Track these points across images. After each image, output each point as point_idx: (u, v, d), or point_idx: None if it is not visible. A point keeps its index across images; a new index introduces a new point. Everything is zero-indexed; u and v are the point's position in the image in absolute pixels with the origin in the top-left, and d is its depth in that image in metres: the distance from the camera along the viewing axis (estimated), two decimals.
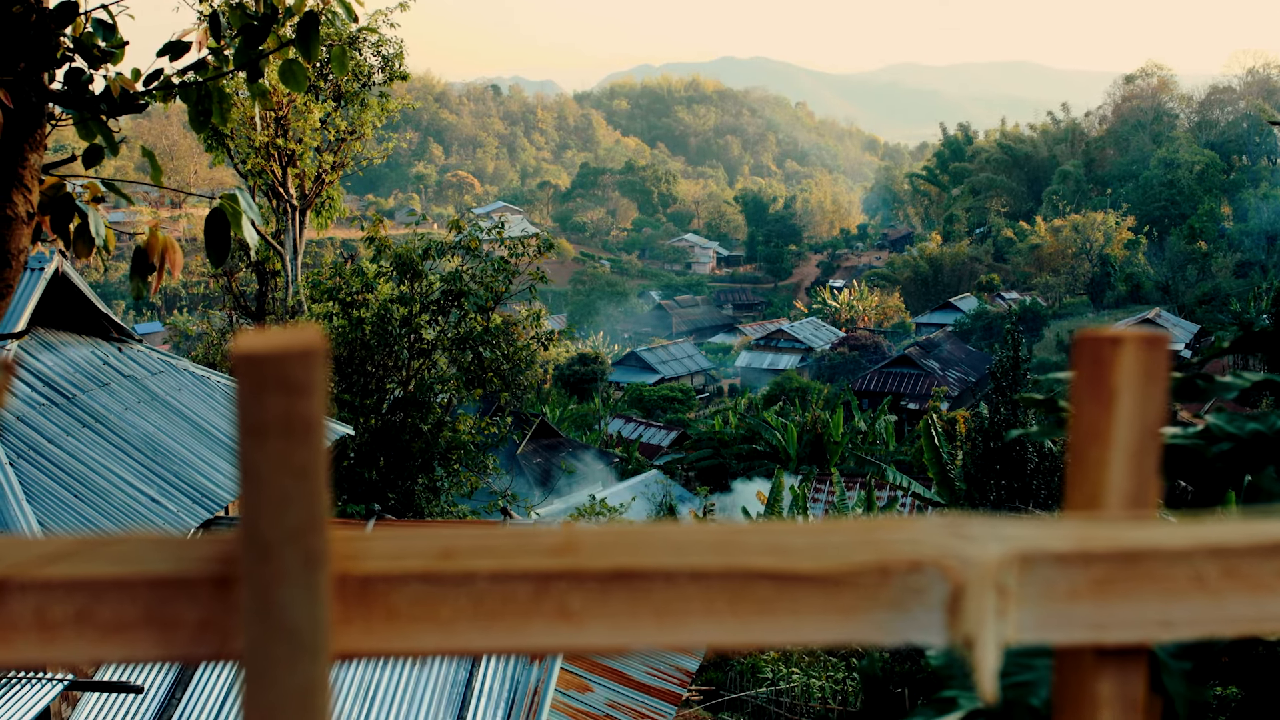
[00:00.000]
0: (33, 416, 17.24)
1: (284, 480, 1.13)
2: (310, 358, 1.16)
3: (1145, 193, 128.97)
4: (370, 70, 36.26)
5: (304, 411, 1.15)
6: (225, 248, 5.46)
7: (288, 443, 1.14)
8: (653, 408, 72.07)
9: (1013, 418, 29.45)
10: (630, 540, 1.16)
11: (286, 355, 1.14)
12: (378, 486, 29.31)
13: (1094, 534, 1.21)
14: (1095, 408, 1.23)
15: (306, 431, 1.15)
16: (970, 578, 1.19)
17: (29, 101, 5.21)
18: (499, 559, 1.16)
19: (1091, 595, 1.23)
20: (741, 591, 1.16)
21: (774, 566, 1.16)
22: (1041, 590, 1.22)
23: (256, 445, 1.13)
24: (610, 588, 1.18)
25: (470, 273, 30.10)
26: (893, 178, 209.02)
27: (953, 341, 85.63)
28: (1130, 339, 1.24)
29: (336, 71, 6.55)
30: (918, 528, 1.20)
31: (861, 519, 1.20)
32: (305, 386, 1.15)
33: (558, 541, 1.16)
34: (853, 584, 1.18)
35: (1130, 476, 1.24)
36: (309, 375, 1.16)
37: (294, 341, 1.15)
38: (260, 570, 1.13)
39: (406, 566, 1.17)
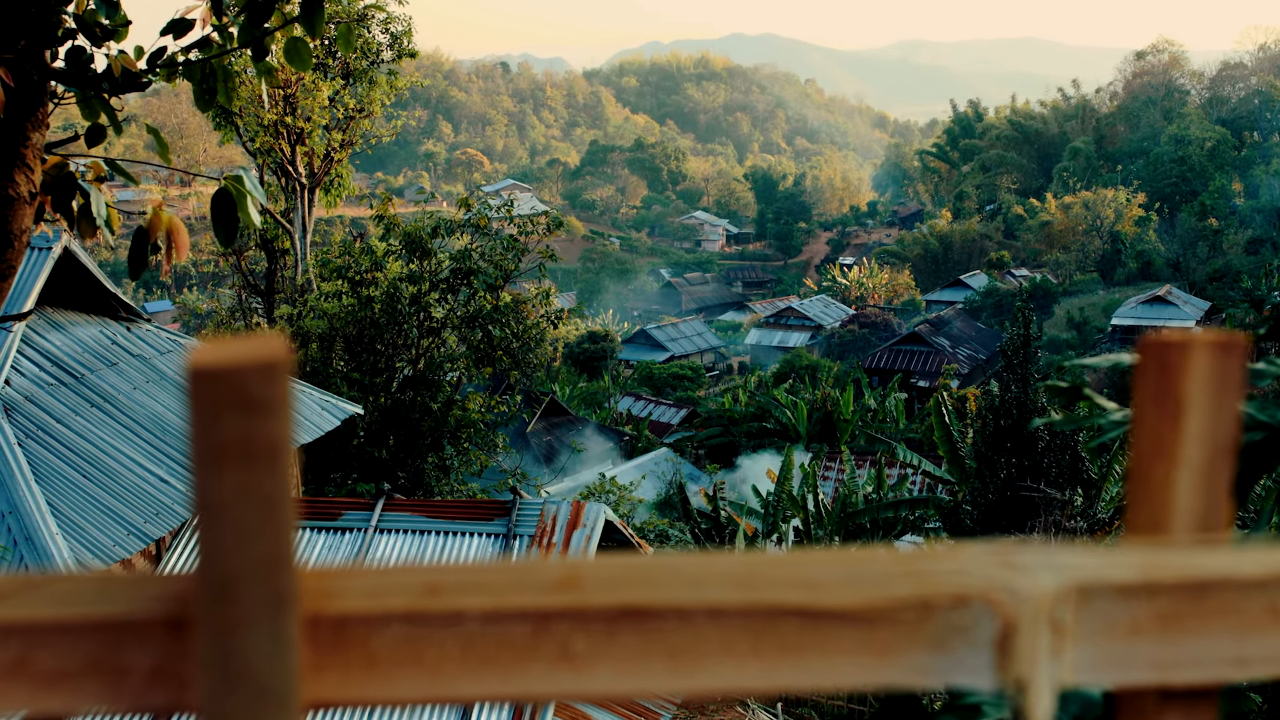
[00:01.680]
0: (41, 396, 17.18)
1: (245, 511, 1.00)
2: (273, 372, 1.01)
3: (1156, 169, 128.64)
4: (379, 48, 36.07)
5: (267, 434, 1.01)
6: (233, 227, 5.38)
7: (249, 469, 1.00)
8: (662, 386, 72.05)
9: (1024, 396, 29.33)
10: (641, 574, 1.03)
11: (246, 370, 1.00)
12: (387, 465, 29.25)
13: (1159, 562, 1.09)
14: (1161, 420, 1.11)
15: (270, 456, 1.01)
16: (1022, 613, 1.06)
17: (30, 80, 5.12)
18: (492, 596, 1.02)
19: (1156, 631, 1.09)
20: (765, 630, 1.03)
21: (802, 602, 1.04)
22: (1101, 626, 1.09)
23: (214, 472, 1.00)
24: (618, 627, 1.03)
25: (479, 251, 29.98)
26: (902, 155, 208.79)
27: (963, 319, 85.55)
28: (1201, 343, 1.11)
29: (343, 49, 6.46)
30: (962, 557, 1.07)
31: (900, 549, 1.08)
32: (268, 405, 1.01)
33: (559, 576, 1.02)
34: (890, 621, 1.05)
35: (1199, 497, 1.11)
36: (272, 392, 1.01)
37: (254, 354, 1.01)
38: (219, 612, 1.01)
39: (388, 605, 1.02)
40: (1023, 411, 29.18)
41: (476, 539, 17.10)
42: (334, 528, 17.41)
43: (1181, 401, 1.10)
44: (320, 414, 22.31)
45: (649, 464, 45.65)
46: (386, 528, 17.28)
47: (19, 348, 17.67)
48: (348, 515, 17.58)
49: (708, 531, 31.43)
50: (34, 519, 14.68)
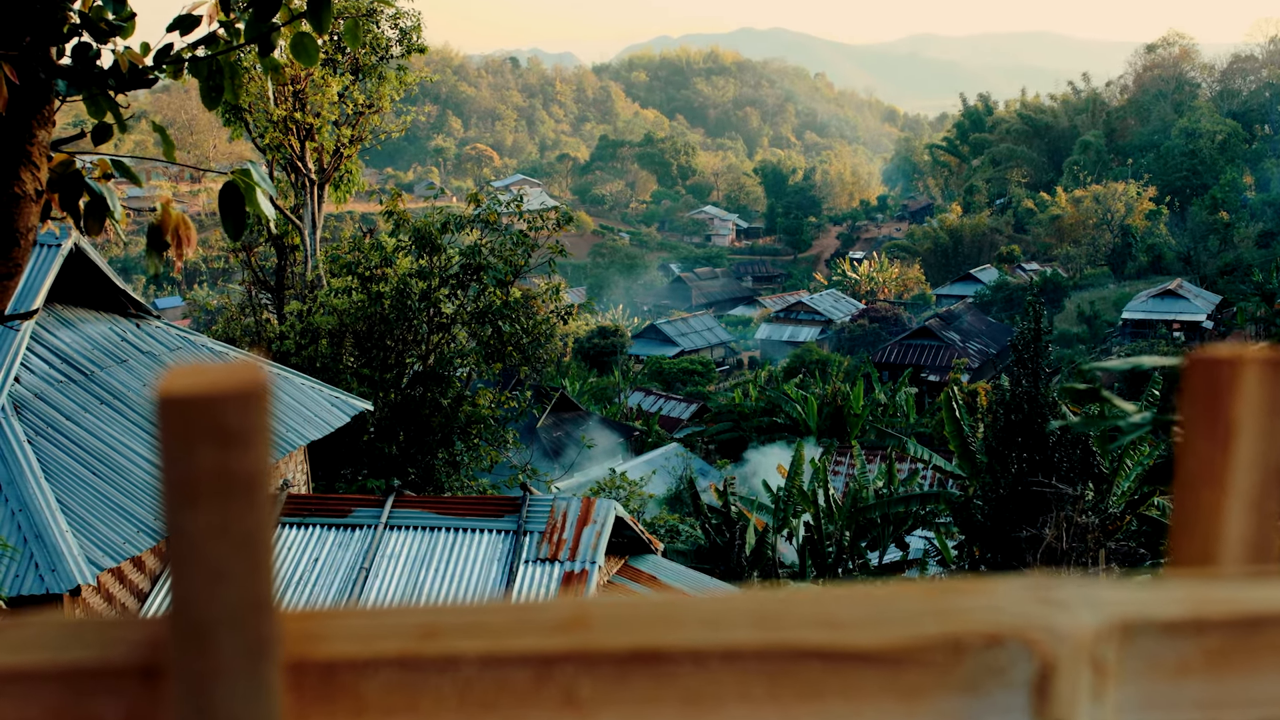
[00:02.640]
0: (51, 394, 17.16)
1: (221, 551, 0.93)
2: (251, 400, 0.93)
3: (1167, 163, 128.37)
4: (388, 43, 36.06)
5: (244, 467, 0.93)
6: (241, 221, 5.34)
7: (225, 506, 0.93)
8: (672, 380, 72.05)
9: (1035, 390, 29.24)
10: (653, 614, 0.95)
11: (221, 398, 0.92)
12: (398, 461, 29.25)
13: (1208, 596, 1.01)
14: (1209, 443, 1.03)
15: (248, 491, 0.93)
16: (1061, 653, 0.99)
17: (36, 77, 5.09)
18: (492, 639, 0.94)
19: (1205, 670, 1.02)
20: (784, 673, 0.95)
21: (824, 642, 0.96)
22: (1146, 665, 1.02)
23: (186, 510, 0.92)
24: (628, 671, 0.96)
25: (489, 246, 29.96)
26: (912, 149, 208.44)
27: (973, 313, 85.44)
28: (1254, 361, 1.03)
29: (349, 44, 6.40)
30: (996, 592, 1.00)
31: (929, 583, 1.00)
32: (245, 436, 0.93)
33: (564, 616, 0.95)
34: (919, 662, 0.97)
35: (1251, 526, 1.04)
36: (250, 422, 0.93)
37: (230, 380, 0.93)
38: (195, 660, 0.93)
39: (379, 649, 0.94)
40: (1034, 406, 29.08)
41: (487, 536, 17.08)
42: (344, 524, 17.38)
43: (1232, 424, 1.02)
44: (330, 410, 22.29)
45: (659, 459, 45.64)
46: (396, 524, 17.27)
47: (29, 345, 17.65)
48: (358, 512, 17.56)
49: (718, 527, 31.38)
50: (44, 516, 14.66)
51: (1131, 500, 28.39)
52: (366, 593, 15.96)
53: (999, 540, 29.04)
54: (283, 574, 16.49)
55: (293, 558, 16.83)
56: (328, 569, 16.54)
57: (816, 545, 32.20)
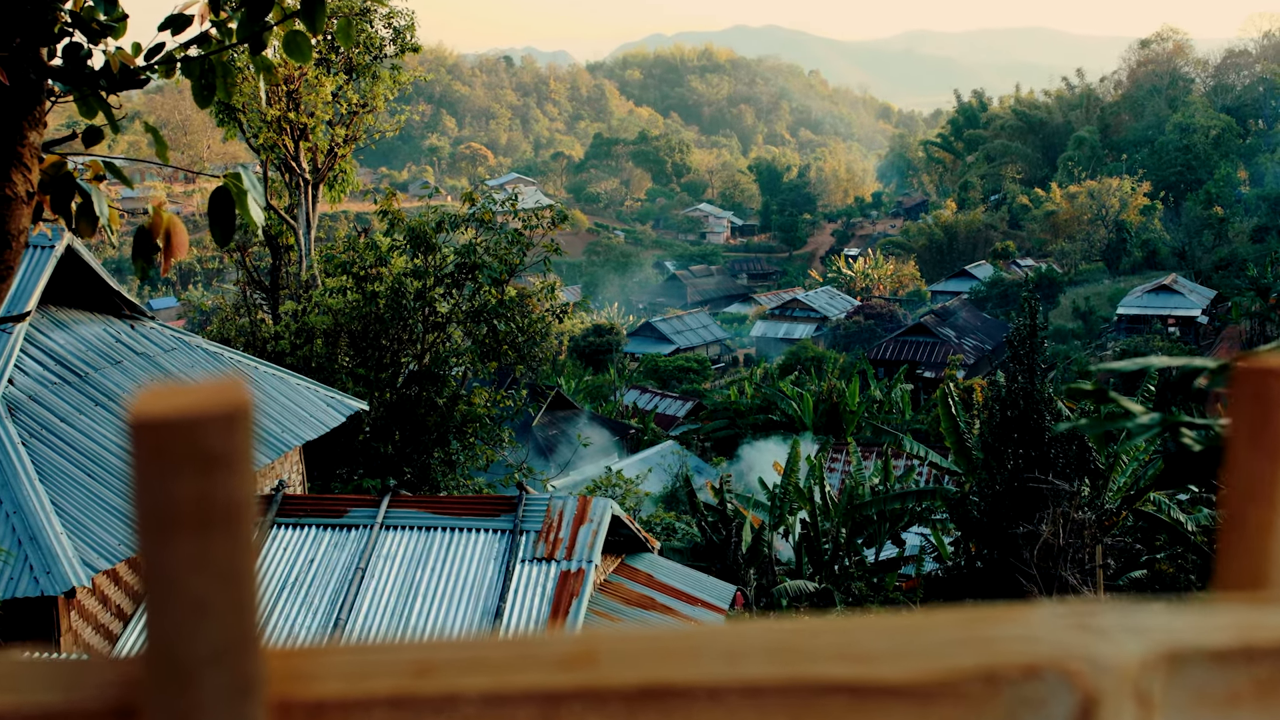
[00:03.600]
0: (45, 395, 17.11)
1: (202, 586, 0.86)
2: (233, 422, 0.87)
3: (1161, 158, 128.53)
4: (381, 42, 36.00)
5: (226, 494, 0.87)
6: (230, 227, 5.29)
7: (205, 537, 0.86)
8: (668, 378, 72.07)
9: (1031, 386, 29.21)
10: (666, 647, 0.88)
11: (200, 421, 0.85)
12: (393, 460, 29.20)
13: (1259, 623, 0.94)
14: (1258, 458, 0.96)
15: (230, 521, 0.87)
16: (1104, 685, 0.92)
17: (27, 78, 5.03)
18: (492, 675, 0.87)
19: (1256, 701, 0.95)
20: (808, 709, 0.87)
21: (850, 676, 0.88)
22: (1193, 697, 0.95)
23: (164, 541, 0.86)
24: (639, 709, 0.88)
25: (484, 245, 29.93)
26: (907, 145, 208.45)
27: (968, 309, 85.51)
28: None
29: (342, 43, 6.36)
30: (1033, 621, 0.93)
31: (960, 612, 0.94)
32: (226, 461, 0.86)
33: (570, 651, 0.87)
34: (951, 696, 0.89)
35: None
36: (232, 446, 0.87)
37: (210, 401, 0.87)
38: (173, 702, 0.86)
39: (371, 688, 0.88)
40: (1030, 402, 29.06)
41: (483, 535, 17.03)
42: (340, 525, 17.34)
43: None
44: (325, 410, 22.24)
45: (655, 457, 45.63)
46: (392, 524, 17.22)
47: (23, 347, 17.59)
48: (354, 512, 17.52)
49: (714, 525, 31.36)
50: (38, 518, 14.61)
51: (1128, 496, 28.38)
52: (362, 593, 15.91)
53: (995, 537, 29.02)
54: (278, 575, 16.44)
55: (288, 559, 16.77)
56: (323, 569, 16.49)
57: (813, 542, 32.19)
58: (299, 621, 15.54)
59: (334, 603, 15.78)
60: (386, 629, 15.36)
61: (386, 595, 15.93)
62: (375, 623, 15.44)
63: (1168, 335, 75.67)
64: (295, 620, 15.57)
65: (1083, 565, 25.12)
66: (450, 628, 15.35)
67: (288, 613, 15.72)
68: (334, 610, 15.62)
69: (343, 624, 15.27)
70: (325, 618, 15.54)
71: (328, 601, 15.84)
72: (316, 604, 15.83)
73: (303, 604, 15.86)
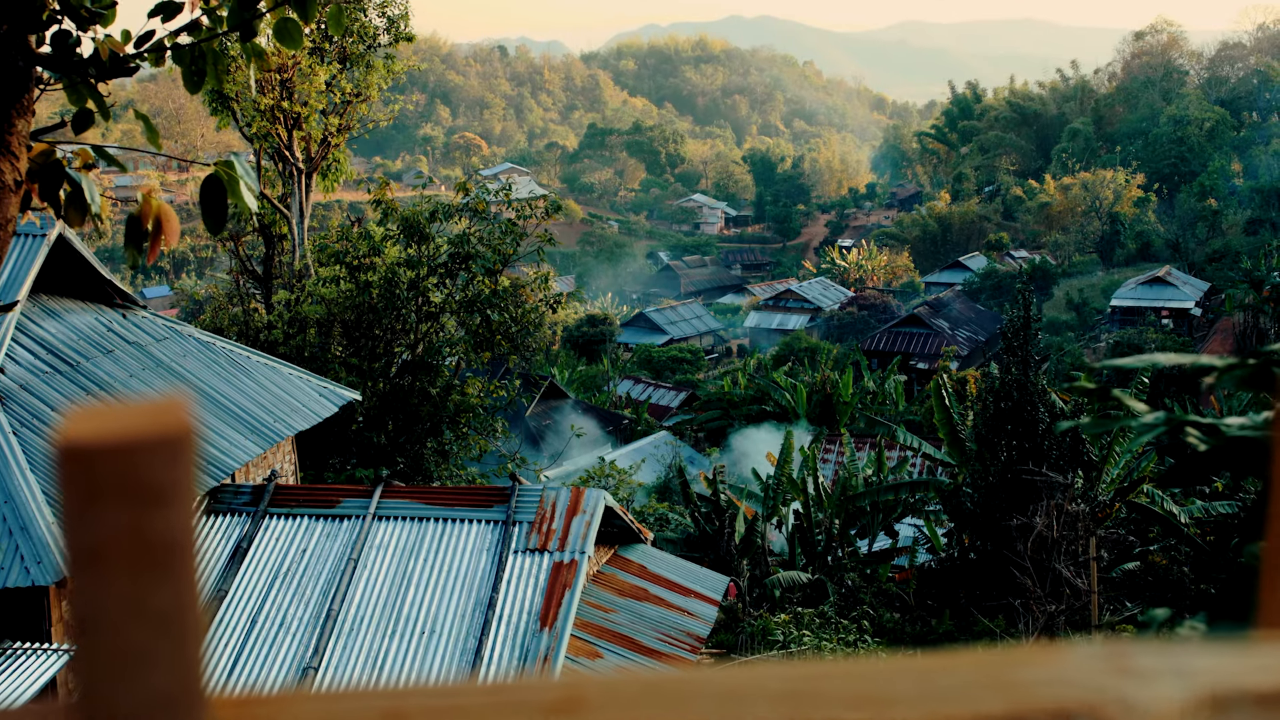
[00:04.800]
0: (36, 385, 17.07)
1: (137, 632, 0.77)
2: (173, 449, 0.78)
3: (1155, 150, 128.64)
4: (375, 32, 35.92)
5: (165, 531, 0.78)
6: (222, 215, 5.26)
7: (141, 577, 0.77)
8: (662, 369, 72.06)
9: (1024, 378, 29.23)
10: (658, 693, 0.79)
11: (136, 448, 0.77)
12: (386, 450, 29.18)
13: None
14: None
15: (170, 560, 0.78)
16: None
17: (15, 65, 4.99)
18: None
19: None
20: None
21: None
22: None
23: (95, 582, 0.77)
24: None
25: (478, 235, 29.90)
26: (901, 137, 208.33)
27: (962, 301, 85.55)
28: None
29: (334, 30, 6.32)
30: (1065, 663, 0.86)
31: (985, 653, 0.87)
32: (165, 493, 0.78)
33: (555, 697, 0.82)
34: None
35: None
36: (170, 476, 0.78)
37: (147, 425, 0.78)
38: None
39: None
40: (1023, 394, 29.09)
41: (476, 526, 17.02)
42: (332, 515, 17.32)
43: None
44: (318, 400, 22.22)
45: (648, 447, 45.59)
46: (385, 515, 17.21)
47: (14, 336, 17.55)
48: (346, 502, 17.50)
49: (708, 515, 31.35)
50: (29, 508, 14.58)
51: (1121, 488, 28.41)
52: (355, 584, 15.90)
53: (989, 528, 29.04)
54: (270, 565, 16.42)
55: (280, 549, 16.76)
56: (316, 560, 16.47)
57: (806, 533, 32.20)
58: (291, 612, 15.52)
59: (326, 593, 15.77)
60: (378, 620, 15.35)
61: (379, 586, 15.92)
62: (367, 614, 15.43)
63: (1161, 327, 75.70)
64: (287, 611, 15.56)
65: (1076, 557, 25.13)
66: (443, 618, 15.34)
67: (280, 603, 15.70)
68: (326, 601, 15.60)
69: (334, 615, 15.26)
70: (317, 608, 15.53)
71: (319, 592, 15.82)
72: (309, 594, 15.81)
73: (295, 594, 15.84)
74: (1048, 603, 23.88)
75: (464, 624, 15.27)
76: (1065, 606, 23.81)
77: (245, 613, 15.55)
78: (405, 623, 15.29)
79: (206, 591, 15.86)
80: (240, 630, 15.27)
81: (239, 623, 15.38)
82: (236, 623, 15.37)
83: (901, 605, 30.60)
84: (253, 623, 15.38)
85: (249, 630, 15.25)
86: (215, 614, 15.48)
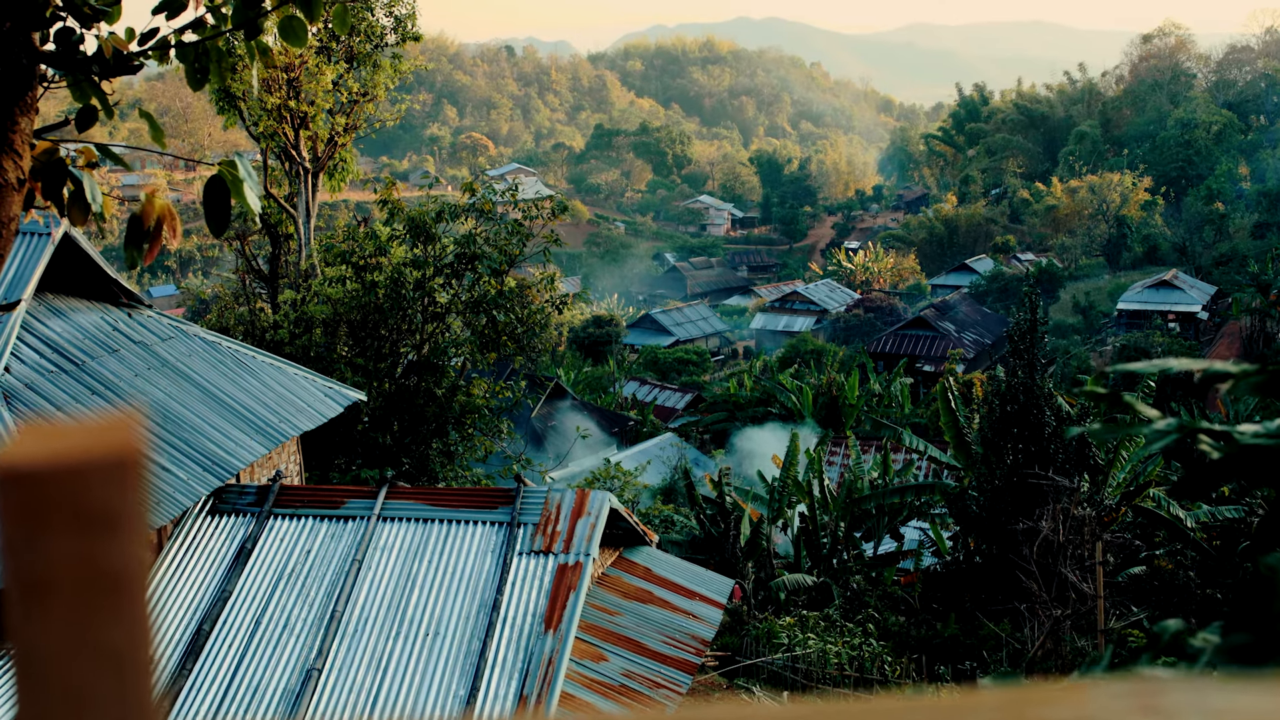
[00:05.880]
0: (41, 384, 17.03)
1: (81, 671, 0.70)
2: (121, 472, 0.72)
3: (1162, 153, 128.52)
4: (382, 31, 35.91)
5: (111, 560, 0.71)
6: (225, 216, 5.23)
7: (86, 611, 0.71)
8: (667, 370, 72.10)
9: (1031, 381, 29.19)
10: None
11: (81, 472, 0.70)
12: (392, 451, 29.16)
13: None
14: None
15: (116, 592, 0.72)
16: None
17: (18, 63, 4.96)
18: None
19: None
20: None
21: None
22: None
23: (36, 615, 0.70)
24: None
25: (484, 235, 29.89)
26: (908, 139, 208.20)
27: (968, 303, 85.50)
28: None
29: (338, 29, 6.28)
30: (1089, 699, 0.79)
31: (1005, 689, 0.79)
32: (115, 519, 0.71)
33: None
34: None
35: None
36: (118, 501, 0.71)
37: (94, 448, 0.71)
38: None
39: None
40: (1030, 397, 29.04)
41: (480, 527, 16.98)
42: (337, 516, 17.28)
43: None
44: (324, 400, 22.17)
45: (654, 449, 45.60)
46: (390, 516, 17.17)
47: (19, 335, 17.52)
48: (351, 503, 17.46)
49: (713, 518, 31.33)
50: None
51: (1127, 492, 28.36)
52: (359, 585, 15.86)
53: (995, 532, 29.00)
54: (274, 567, 16.38)
55: (284, 550, 16.72)
56: (320, 561, 16.43)
57: (811, 536, 32.17)
58: (295, 613, 15.48)
59: (330, 595, 15.73)
60: (383, 621, 15.31)
61: (383, 587, 15.88)
62: (371, 615, 15.38)
63: (1168, 331, 75.63)
64: (291, 612, 15.52)
65: (1082, 561, 25.07)
66: (447, 620, 15.30)
67: (284, 604, 15.67)
68: (330, 602, 15.57)
69: (339, 616, 15.21)
70: (321, 609, 15.49)
71: (324, 593, 15.79)
72: (313, 595, 15.77)
73: (299, 595, 15.80)
74: (1053, 607, 23.81)
75: (468, 626, 15.23)
76: (1071, 611, 23.73)
77: (249, 614, 15.51)
78: (409, 624, 15.25)
79: (210, 593, 15.85)
80: (244, 631, 15.23)
81: (243, 624, 15.34)
82: (240, 624, 15.34)
83: (907, 609, 30.57)
84: (257, 624, 15.34)
85: (253, 631, 15.21)
86: (219, 615, 15.44)
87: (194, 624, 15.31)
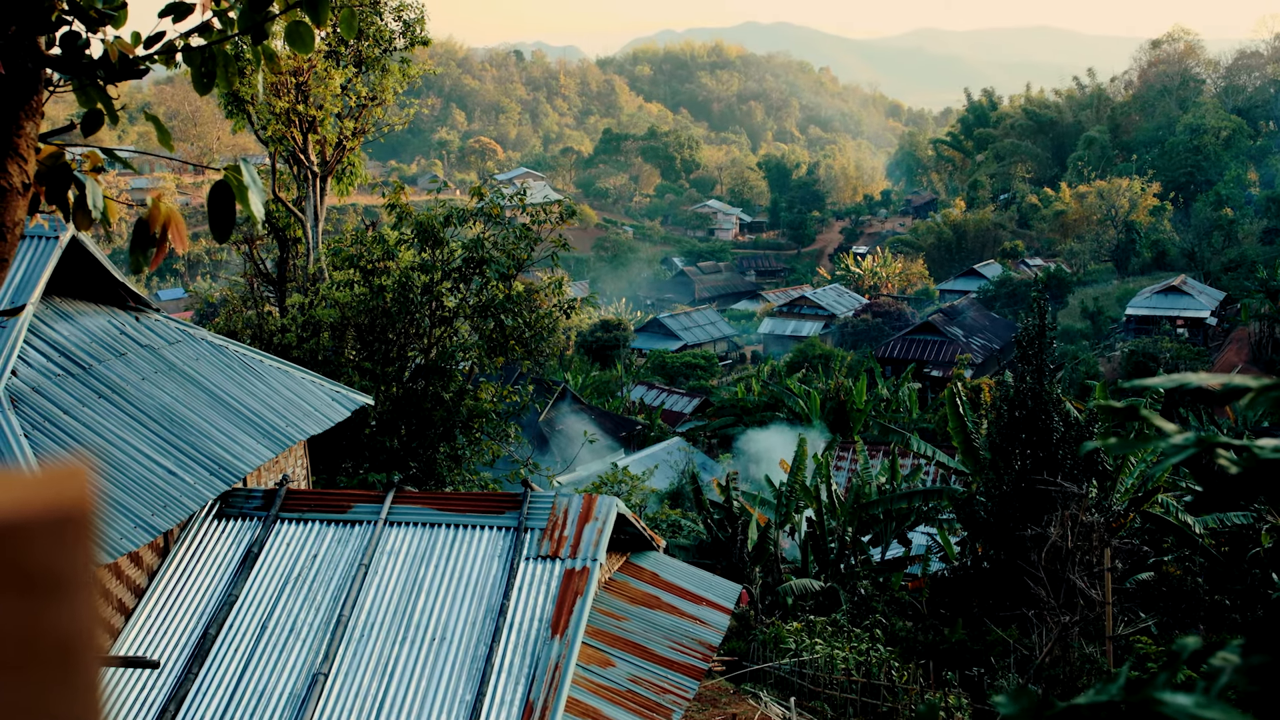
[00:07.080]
0: (48, 387, 17.02)
1: None
2: (67, 529, 0.64)
3: (1171, 159, 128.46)
4: (391, 35, 35.95)
5: (61, 625, 0.64)
6: (230, 222, 5.21)
7: (29, 681, 0.62)
8: (675, 374, 72.12)
9: (1039, 387, 29.14)
10: None
11: (22, 529, 0.62)
12: (399, 455, 29.14)
13: None
14: None
15: (62, 660, 0.63)
16: None
17: (24, 67, 4.94)
18: None
19: None
20: None
21: None
22: None
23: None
24: None
25: (492, 240, 29.88)
26: (916, 144, 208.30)
27: (976, 308, 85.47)
28: None
29: (345, 33, 6.26)
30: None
31: None
32: (63, 580, 0.64)
33: None
34: None
35: None
36: (64, 561, 0.64)
37: (37, 500, 0.63)
38: None
39: None
40: (1038, 402, 28.99)
41: (487, 532, 16.96)
42: (344, 520, 17.26)
43: None
44: (331, 404, 22.16)
45: (661, 454, 45.59)
46: (396, 520, 17.14)
47: (26, 338, 17.51)
48: (358, 508, 17.44)
49: (720, 522, 31.30)
50: None
51: (1135, 498, 28.31)
52: (365, 590, 15.83)
53: (1002, 537, 28.95)
54: (281, 571, 16.36)
55: (291, 554, 16.70)
56: (327, 565, 16.41)
57: (819, 541, 32.13)
58: (301, 618, 15.46)
59: (337, 599, 15.71)
60: (389, 626, 15.28)
61: (390, 592, 15.85)
62: (378, 620, 15.36)
63: (1176, 336, 75.57)
64: (298, 617, 15.50)
65: (1090, 567, 25.02)
66: (453, 625, 15.27)
67: (290, 609, 15.64)
68: (337, 607, 15.54)
69: (345, 621, 15.19)
70: (328, 614, 15.47)
71: (330, 598, 15.76)
72: (319, 600, 15.75)
73: (305, 600, 15.78)
74: (1061, 613, 23.77)
75: (475, 631, 15.20)
76: (1079, 617, 23.69)
77: (256, 618, 15.49)
78: (416, 629, 15.22)
79: (217, 597, 15.83)
80: (251, 636, 15.21)
81: (249, 628, 15.32)
82: (247, 628, 15.31)
83: (914, 614, 30.53)
84: (263, 628, 15.32)
85: (259, 636, 15.19)
86: (225, 619, 15.43)
87: (200, 628, 15.30)
